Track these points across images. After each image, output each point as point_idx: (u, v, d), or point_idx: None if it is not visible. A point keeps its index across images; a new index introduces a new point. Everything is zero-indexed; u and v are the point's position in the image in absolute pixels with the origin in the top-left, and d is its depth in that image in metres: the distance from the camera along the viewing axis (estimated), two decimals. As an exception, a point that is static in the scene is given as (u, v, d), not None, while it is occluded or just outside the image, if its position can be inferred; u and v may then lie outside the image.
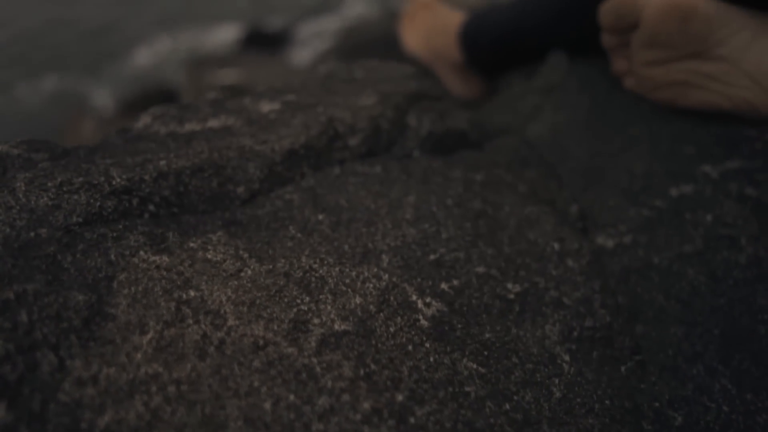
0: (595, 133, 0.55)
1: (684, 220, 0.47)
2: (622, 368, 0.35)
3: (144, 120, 0.43)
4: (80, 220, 0.33)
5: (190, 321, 0.28)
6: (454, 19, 0.81)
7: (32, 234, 0.32)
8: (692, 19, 0.51)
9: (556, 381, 0.32)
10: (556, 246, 0.40)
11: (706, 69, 0.52)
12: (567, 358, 0.35)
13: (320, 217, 0.36)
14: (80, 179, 0.35)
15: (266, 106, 0.44)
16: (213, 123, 0.42)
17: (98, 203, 0.34)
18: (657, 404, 0.34)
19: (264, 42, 4.60)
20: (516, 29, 0.68)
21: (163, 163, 0.36)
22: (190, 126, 0.42)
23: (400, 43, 0.95)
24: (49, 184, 0.34)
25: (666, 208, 0.48)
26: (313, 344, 0.28)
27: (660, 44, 0.53)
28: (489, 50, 0.73)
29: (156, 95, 3.55)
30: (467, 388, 0.29)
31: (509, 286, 0.36)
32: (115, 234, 0.32)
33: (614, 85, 0.61)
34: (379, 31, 2.23)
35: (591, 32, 0.59)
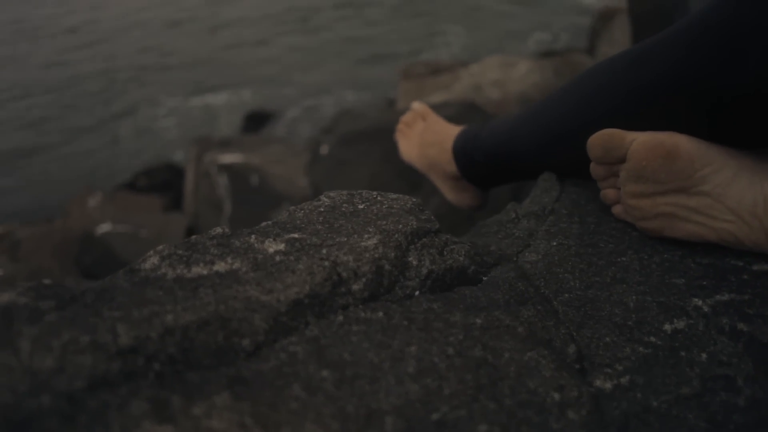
0: (587, 262, 0.56)
1: (680, 359, 0.47)
2: None
3: (151, 261, 0.44)
4: (84, 384, 0.33)
5: (193, 506, 0.28)
6: (449, 131, 0.84)
7: (33, 403, 0.31)
8: (676, 157, 0.54)
9: None
10: (557, 396, 0.40)
11: (691, 203, 0.55)
12: None
13: (324, 373, 0.37)
14: (87, 338, 0.35)
15: (271, 247, 0.46)
16: (219, 266, 0.43)
17: (104, 366, 0.34)
18: None
19: (263, 122, 4.81)
20: (508, 152, 0.71)
21: (170, 317, 0.37)
22: (197, 269, 0.43)
23: (392, 132, 0.99)
24: (55, 343, 0.35)
25: (661, 345, 0.48)
26: None
27: (646, 179, 0.55)
28: (483, 167, 0.76)
29: (162, 170, 3.64)
30: None
31: (512, 445, 0.36)
32: (118, 401, 0.32)
33: (603, 211, 0.63)
34: (373, 117, 2.33)
35: (580, 160, 0.62)
